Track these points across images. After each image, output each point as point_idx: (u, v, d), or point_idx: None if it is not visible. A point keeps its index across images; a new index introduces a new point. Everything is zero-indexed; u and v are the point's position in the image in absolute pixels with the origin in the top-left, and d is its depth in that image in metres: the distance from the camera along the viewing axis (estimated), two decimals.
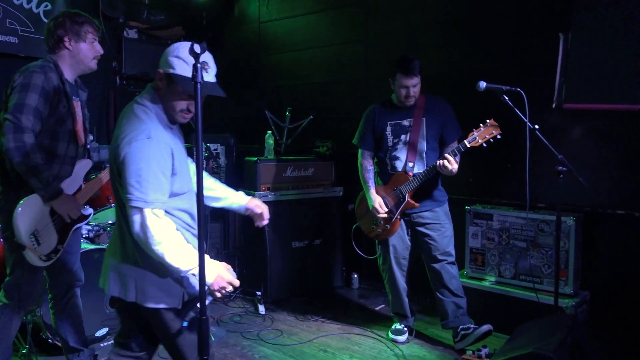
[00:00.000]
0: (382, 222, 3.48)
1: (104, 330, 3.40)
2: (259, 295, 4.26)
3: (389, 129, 3.47)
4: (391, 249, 3.53)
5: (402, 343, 3.55)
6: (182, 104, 1.92)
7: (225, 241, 4.76)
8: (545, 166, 3.38)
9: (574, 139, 3.64)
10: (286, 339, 3.64)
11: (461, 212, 3.85)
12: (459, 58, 4.20)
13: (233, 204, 2.38)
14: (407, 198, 3.39)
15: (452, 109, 3.47)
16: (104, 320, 3.39)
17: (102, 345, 3.35)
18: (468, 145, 3.15)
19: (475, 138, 3.15)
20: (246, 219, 4.71)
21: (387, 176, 3.51)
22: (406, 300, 3.63)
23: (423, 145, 3.42)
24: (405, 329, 3.63)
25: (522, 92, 2.84)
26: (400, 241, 3.54)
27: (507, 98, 2.90)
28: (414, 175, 3.38)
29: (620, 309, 3.48)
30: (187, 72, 1.80)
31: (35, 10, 4.58)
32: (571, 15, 3.47)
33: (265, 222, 2.35)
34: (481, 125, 3.16)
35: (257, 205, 2.39)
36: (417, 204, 3.40)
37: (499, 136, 3.14)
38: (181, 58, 1.85)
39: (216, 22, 5.84)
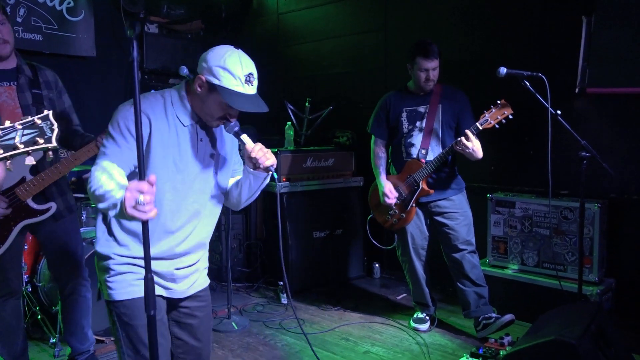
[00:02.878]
0: (397, 211, 3.47)
1: None
2: (281, 285, 4.30)
3: (404, 115, 3.45)
4: (409, 239, 3.52)
5: (424, 332, 3.55)
6: (220, 113, 1.88)
7: (247, 232, 4.80)
8: (568, 152, 3.33)
9: (598, 124, 3.57)
10: (308, 328, 3.68)
11: (483, 200, 3.82)
12: (480, 44, 4.15)
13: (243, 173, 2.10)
14: (421, 185, 3.36)
15: (468, 100, 3.43)
16: None
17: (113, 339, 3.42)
18: (480, 128, 3.11)
19: (487, 119, 3.11)
20: (269, 210, 4.78)
21: (402, 164, 3.48)
22: (427, 289, 3.62)
23: (439, 132, 3.39)
24: (427, 317, 3.63)
25: (543, 77, 2.80)
26: (418, 231, 3.52)
27: (528, 83, 2.87)
28: (426, 162, 3.35)
29: None
30: (234, 85, 1.81)
31: (58, 8, 4.66)
32: None
33: (269, 162, 1.95)
34: (492, 106, 3.12)
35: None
36: (431, 191, 3.37)
37: (510, 116, 3.09)
38: (227, 70, 1.82)
39: (235, 14, 5.86)
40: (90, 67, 4.98)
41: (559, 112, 2.85)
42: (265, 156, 1.93)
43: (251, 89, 1.87)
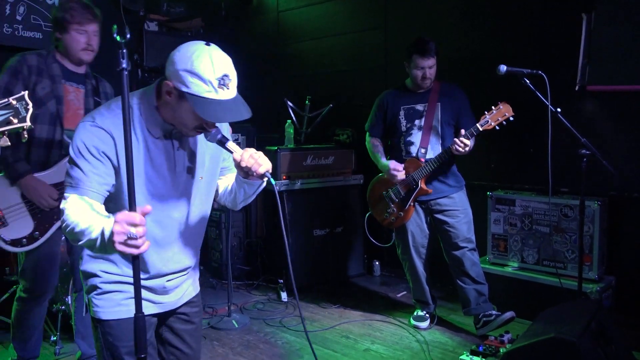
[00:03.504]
0: (395, 209, 3.48)
1: None
2: (281, 282, 4.30)
3: (402, 113, 3.44)
4: (410, 237, 3.52)
5: (424, 329, 3.56)
6: (195, 122, 1.64)
7: (247, 230, 4.81)
8: (568, 150, 3.32)
9: (598, 121, 3.57)
10: (308, 326, 3.68)
11: (483, 197, 3.82)
12: (480, 42, 4.14)
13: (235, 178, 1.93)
14: (419, 184, 3.36)
15: (467, 97, 3.43)
16: None
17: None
18: (480, 129, 3.12)
19: (488, 121, 3.11)
20: (269, 208, 4.78)
21: (401, 162, 3.45)
22: (427, 287, 3.63)
23: (438, 130, 3.38)
24: (427, 315, 3.63)
25: (543, 74, 2.80)
26: (418, 229, 3.52)
27: (528, 81, 2.86)
28: (426, 161, 3.35)
29: None
30: (205, 91, 1.56)
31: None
32: None
33: (262, 169, 1.72)
34: (493, 107, 3.12)
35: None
36: (430, 190, 3.38)
37: (511, 118, 3.10)
38: (196, 74, 1.55)
39: (235, 12, 5.86)
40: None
41: (559, 109, 2.85)
42: (258, 162, 1.69)
43: (227, 93, 1.60)
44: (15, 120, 1.45)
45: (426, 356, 3.20)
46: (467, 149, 3.15)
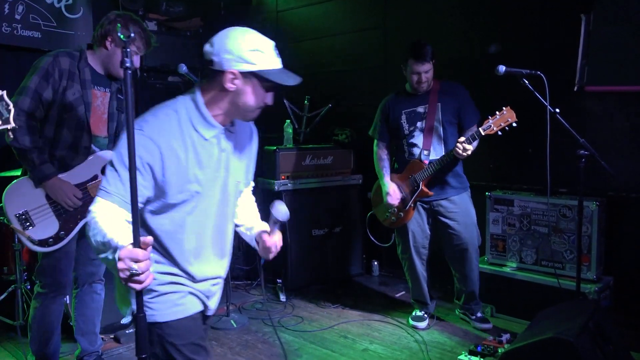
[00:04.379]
0: (395, 209, 3.50)
1: (129, 318, 3.48)
2: (279, 282, 4.30)
3: (403, 117, 3.46)
4: (410, 237, 3.53)
5: (423, 329, 3.56)
6: (259, 101, 1.71)
7: None
8: (566, 150, 3.33)
9: (597, 122, 3.57)
10: (307, 326, 3.68)
11: (481, 198, 3.82)
12: (479, 43, 4.15)
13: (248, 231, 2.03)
14: (420, 186, 3.38)
15: (468, 93, 3.44)
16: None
17: (127, 332, 3.43)
18: (483, 133, 3.12)
19: (491, 126, 3.12)
20: (268, 208, 4.77)
21: (405, 163, 3.50)
22: (426, 287, 3.64)
23: (440, 131, 3.39)
24: (425, 315, 3.64)
25: (542, 75, 2.80)
26: (419, 230, 3.53)
27: (527, 82, 2.86)
28: (429, 162, 3.36)
29: None
30: (271, 63, 1.67)
31: (56, 5, 4.65)
32: None
33: (271, 255, 1.92)
34: (497, 112, 3.12)
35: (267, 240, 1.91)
36: (430, 193, 3.40)
37: (514, 124, 3.10)
38: (258, 50, 1.64)
39: (234, 12, 5.86)
40: None
41: (557, 110, 2.85)
42: (273, 252, 1.89)
43: (279, 63, 1.72)
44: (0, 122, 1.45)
45: (424, 356, 3.20)
46: (468, 152, 3.16)
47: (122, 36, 1.48)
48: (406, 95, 3.49)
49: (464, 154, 3.15)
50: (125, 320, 3.48)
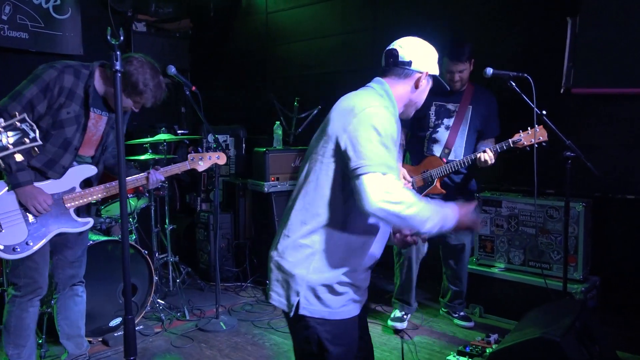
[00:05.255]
0: None
1: (118, 320, 3.46)
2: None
3: (433, 108, 3.38)
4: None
5: (402, 330, 3.56)
6: (424, 97, 2.00)
7: (235, 231, 4.80)
8: (553, 152, 3.36)
9: (583, 124, 3.61)
10: None
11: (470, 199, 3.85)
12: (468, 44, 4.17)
13: None
14: (435, 183, 3.34)
15: (497, 106, 3.43)
16: (117, 310, 3.45)
17: (115, 335, 3.41)
18: (512, 145, 3.14)
19: (521, 139, 3.12)
20: (257, 210, 4.77)
21: (421, 157, 3.42)
22: (414, 288, 3.64)
23: (464, 134, 3.36)
24: (405, 316, 3.63)
25: (529, 77, 2.83)
26: None
27: (514, 84, 2.89)
28: (447, 161, 3.33)
29: (630, 294, 3.47)
30: (437, 70, 2.01)
31: (44, 6, 4.63)
32: None
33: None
34: (529, 128, 3.11)
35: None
36: (443, 191, 3.36)
37: (544, 143, 3.09)
38: (436, 60, 2.01)
39: (224, 13, 5.85)
40: None
41: (544, 112, 2.88)
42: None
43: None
44: (27, 140, 1.56)
45: (413, 357, 3.22)
46: (489, 163, 3.18)
47: (113, 40, 1.49)
48: (438, 86, 3.40)
49: (485, 163, 3.17)
50: (114, 322, 3.46)
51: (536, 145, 3.12)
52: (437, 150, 3.39)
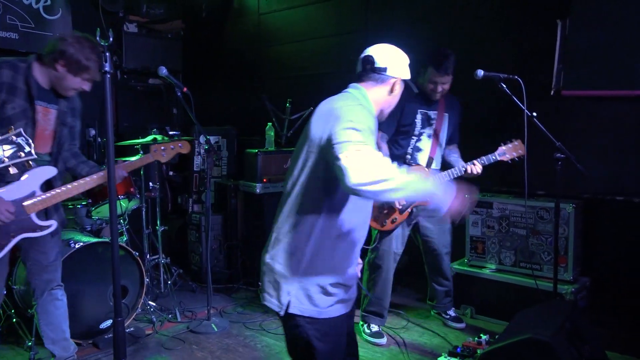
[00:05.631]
0: (390, 212, 3.33)
1: (108, 323, 3.44)
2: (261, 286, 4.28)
3: (419, 117, 3.32)
4: (393, 245, 3.42)
5: (383, 346, 3.40)
6: (397, 101, 2.06)
7: (226, 233, 4.79)
8: (543, 153, 3.38)
9: (572, 125, 3.63)
10: None
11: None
12: (458, 47, 4.18)
13: None
14: None
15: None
16: (107, 312, 3.43)
17: (106, 337, 3.39)
18: (498, 158, 3.21)
19: (505, 153, 3.21)
20: (249, 211, 4.76)
21: (403, 164, 3.36)
22: (389, 298, 3.54)
23: (443, 141, 3.38)
24: (381, 330, 3.51)
25: (519, 79, 2.84)
26: (401, 236, 3.45)
27: (504, 86, 2.91)
28: (432, 171, 3.32)
29: (620, 294, 3.49)
30: (408, 74, 2.05)
31: (35, 6, 4.60)
32: (570, 2, 3.46)
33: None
34: (509, 142, 3.22)
35: None
36: (429, 202, 3.33)
37: (521, 158, 3.18)
38: (407, 64, 2.05)
39: (216, 14, 5.84)
40: None
41: (534, 114, 2.90)
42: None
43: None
44: (22, 154, 1.59)
45: (405, 357, 3.22)
46: (478, 173, 3.23)
47: (102, 41, 1.49)
48: (420, 94, 3.17)
49: (473, 173, 3.21)
50: (104, 324, 3.44)
51: (517, 160, 3.21)
52: (422, 159, 3.36)
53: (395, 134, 3.37)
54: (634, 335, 3.33)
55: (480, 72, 2.90)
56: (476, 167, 3.21)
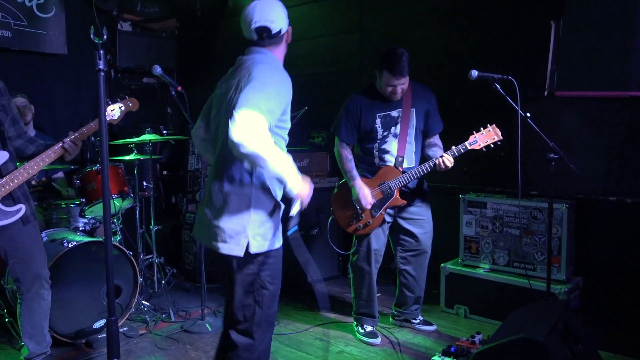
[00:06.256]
0: (363, 216, 3.31)
1: (102, 322, 3.43)
2: None
3: (378, 121, 3.27)
4: (372, 244, 3.38)
5: (378, 345, 3.39)
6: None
7: None
8: (537, 154, 3.40)
9: (566, 126, 3.65)
10: (283, 328, 3.68)
11: (455, 200, 3.87)
12: (453, 47, 4.20)
13: None
14: (395, 194, 3.27)
15: (436, 99, 3.38)
16: (100, 312, 3.42)
17: (99, 337, 3.38)
18: (469, 147, 3.14)
19: (477, 141, 3.15)
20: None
21: (373, 168, 3.34)
22: (376, 297, 3.53)
23: (412, 138, 3.30)
24: (375, 330, 3.52)
25: (513, 80, 2.85)
26: (380, 237, 3.40)
27: (498, 86, 2.92)
28: (403, 170, 3.27)
29: (612, 294, 3.52)
30: None
31: (28, 4, 4.57)
32: (563, 3, 3.47)
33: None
34: (482, 129, 3.15)
35: None
36: (404, 201, 3.31)
37: (499, 142, 3.14)
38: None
39: (210, 13, 5.83)
40: (61, 65, 4.90)
41: (528, 114, 2.91)
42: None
43: None
44: None
45: (399, 357, 3.23)
46: (449, 166, 3.15)
47: (96, 39, 1.48)
48: (378, 96, 3.26)
49: (445, 167, 3.14)
50: (98, 324, 3.43)
51: (492, 146, 3.15)
52: (390, 160, 3.29)
53: (360, 141, 3.36)
54: (627, 334, 3.35)
55: (475, 73, 2.90)
56: (446, 160, 3.13)
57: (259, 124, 1.80)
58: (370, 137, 3.32)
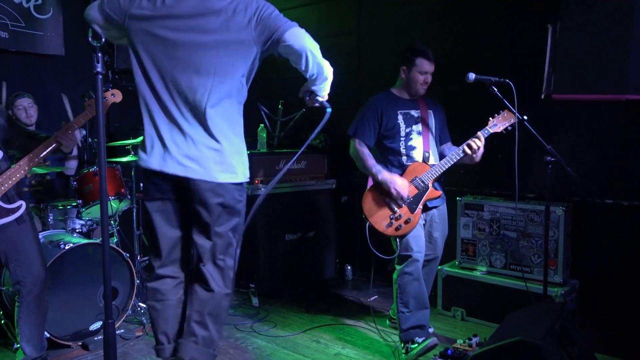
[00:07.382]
0: (401, 215, 3.16)
1: (98, 324, 3.42)
2: (252, 287, 4.28)
3: (400, 117, 3.28)
4: (414, 245, 3.19)
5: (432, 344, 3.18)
6: None
7: None
8: (534, 157, 3.42)
9: (563, 129, 3.67)
10: (279, 331, 3.67)
11: (452, 203, 3.87)
12: (450, 50, 4.21)
13: None
14: (429, 186, 3.20)
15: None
16: (97, 314, 3.41)
17: (96, 338, 3.37)
18: (491, 131, 3.12)
19: (497, 124, 3.13)
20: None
21: (402, 167, 3.26)
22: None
23: (435, 136, 3.34)
24: (435, 339, 3.23)
25: (511, 83, 2.87)
26: (420, 234, 3.26)
27: (496, 89, 2.93)
28: (432, 165, 3.23)
29: (609, 297, 3.52)
30: None
31: (25, 5, 4.56)
32: (560, 6, 3.49)
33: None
34: (497, 114, 3.15)
35: None
36: (440, 192, 3.27)
37: (513, 126, 3.10)
38: None
39: None
40: (58, 66, 4.89)
41: (525, 117, 2.92)
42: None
43: None
44: None
45: (396, 358, 3.23)
46: (481, 150, 3.12)
47: (94, 41, 1.48)
48: (396, 98, 3.31)
49: (476, 149, 3.09)
50: (94, 326, 3.42)
51: (509, 128, 3.12)
52: (418, 156, 3.28)
53: (383, 139, 3.30)
54: (623, 337, 3.36)
55: (472, 75, 2.91)
56: (477, 140, 3.09)
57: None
58: (393, 134, 3.26)
